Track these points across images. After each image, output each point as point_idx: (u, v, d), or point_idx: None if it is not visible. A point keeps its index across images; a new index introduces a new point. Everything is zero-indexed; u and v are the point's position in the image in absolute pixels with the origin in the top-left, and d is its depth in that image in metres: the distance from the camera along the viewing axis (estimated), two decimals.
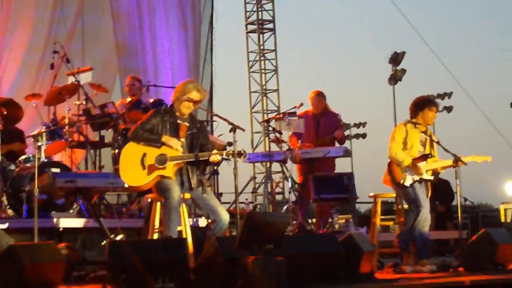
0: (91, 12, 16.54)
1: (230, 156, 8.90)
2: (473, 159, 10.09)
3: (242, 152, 8.85)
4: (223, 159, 9.03)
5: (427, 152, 10.12)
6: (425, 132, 10.24)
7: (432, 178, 10.15)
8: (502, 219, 20.48)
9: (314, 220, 13.11)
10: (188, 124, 8.88)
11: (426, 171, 10.04)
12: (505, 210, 21.37)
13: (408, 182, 10.00)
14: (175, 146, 8.61)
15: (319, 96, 13.25)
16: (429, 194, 10.19)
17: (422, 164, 10.02)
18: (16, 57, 15.14)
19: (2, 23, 14.99)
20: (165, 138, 8.63)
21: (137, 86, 12.87)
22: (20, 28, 15.28)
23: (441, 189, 15.71)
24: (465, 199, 17.68)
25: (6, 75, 14.93)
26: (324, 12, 75.74)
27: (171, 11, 17.91)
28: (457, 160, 10.06)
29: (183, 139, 8.77)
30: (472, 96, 20.16)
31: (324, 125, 13.11)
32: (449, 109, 20.37)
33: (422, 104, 10.25)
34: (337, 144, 13.13)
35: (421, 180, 10.05)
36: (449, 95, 20.26)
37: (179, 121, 8.84)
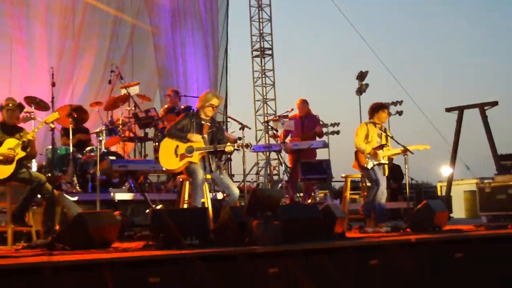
0: (138, 43, 16.57)
1: (240, 147, 8.91)
2: (416, 147, 10.16)
3: (249, 144, 8.88)
4: (235, 149, 9.01)
5: (383, 143, 10.16)
6: (380, 128, 10.29)
7: (387, 162, 10.17)
8: (439, 193, 20.44)
9: (301, 194, 13.08)
10: (209, 124, 8.91)
11: (383, 157, 10.08)
12: (441, 187, 21.34)
13: (370, 166, 10.04)
14: (197, 140, 8.61)
15: (304, 103, 13.30)
16: (386, 174, 10.20)
17: (379, 152, 10.05)
18: (83, 75, 15.14)
19: (74, 50, 14.98)
20: (189, 135, 8.64)
21: (173, 95, 12.84)
22: (87, 53, 15.29)
23: (394, 171, 15.63)
24: (412, 179, 17.70)
25: (77, 88, 14.93)
26: (309, 42, 75.79)
27: (197, 42, 17.95)
28: (405, 150, 10.09)
29: (205, 135, 8.78)
30: (417, 102, 20.15)
31: (307, 124, 13.11)
32: (400, 113, 20.38)
33: (377, 108, 10.33)
34: (317, 138, 13.12)
35: (379, 164, 10.08)
36: (400, 102, 20.26)
37: (202, 122, 8.86)
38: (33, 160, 9.83)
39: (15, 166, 8.05)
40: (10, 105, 8.38)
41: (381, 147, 10.10)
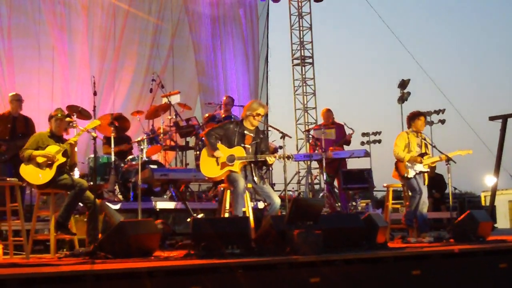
0: (179, 51, 16.66)
1: (282, 159, 8.89)
2: (458, 153, 10.15)
3: (290, 156, 8.85)
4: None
5: (423, 151, 10.13)
6: (420, 137, 10.28)
7: (427, 170, 10.15)
8: (483, 203, 20.28)
9: (338, 204, 13.07)
10: (253, 135, 8.85)
11: (423, 165, 10.04)
12: (485, 197, 21.16)
13: (410, 175, 10.01)
14: (218, 156, 8.61)
15: (329, 112, 13.59)
16: (426, 183, 10.16)
17: (419, 160, 10.02)
18: (125, 84, 15.29)
19: (115, 58, 15.14)
20: (216, 153, 8.60)
21: (230, 102, 12.93)
22: (128, 62, 15.43)
23: (437, 181, 15.59)
24: (455, 188, 17.54)
25: (118, 97, 15.07)
26: (350, 50, 75.56)
27: (238, 50, 18.01)
28: (448, 159, 10.07)
29: (248, 146, 8.78)
30: (460, 111, 19.99)
31: (337, 133, 13.16)
32: (442, 121, 20.19)
33: (413, 116, 10.32)
34: (345, 147, 13.21)
35: (419, 173, 10.04)
36: (442, 111, 20.07)
37: (246, 132, 8.81)
38: (76, 169, 9.95)
39: (55, 171, 8.16)
40: (59, 115, 8.52)
41: (421, 155, 10.07)
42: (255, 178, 8.71)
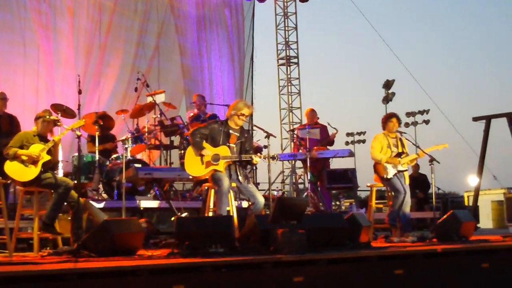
0: (164, 51, 16.67)
1: (267, 159, 8.90)
2: (434, 148, 10.27)
3: (275, 156, 8.87)
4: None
5: (400, 151, 10.17)
6: (395, 138, 10.37)
7: (406, 169, 10.23)
8: (466, 203, 20.35)
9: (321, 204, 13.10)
10: (238, 135, 8.85)
11: (401, 164, 10.09)
12: (468, 196, 21.24)
13: (390, 175, 10.05)
14: (206, 155, 8.61)
15: (313, 112, 13.60)
16: (407, 182, 10.19)
17: (397, 160, 10.05)
18: (110, 83, 15.27)
19: (100, 57, 15.11)
20: (203, 151, 8.61)
21: (200, 101, 12.92)
22: (113, 61, 15.41)
23: (420, 181, 15.68)
24: (438, 188, 17.67)
25: (102, 95, 15.04)
26: (335, 50, 75.71)
27: (223, 50, 18.07)
28: (431, 159, 10.15)
29: (233, 145, 8.78)
30: (444, 111, 20.10)
31: (321, 133, 13.18)
32: (427, 122, 20.36)
33: (385, 119, 10.43)
34: (328, 147, 13.23)
35: (399, 172, 10.08)
36: (427, 111, 20.24)
37: (231, 131, 8.82)
38: (59, 167, 9.91)
39: (40, 169, 8.13)
40: (47, 117, 8.48)
41: (398, 155, 10.12)
42: (240, 177, 8.72)
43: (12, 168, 8.10)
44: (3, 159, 8.26)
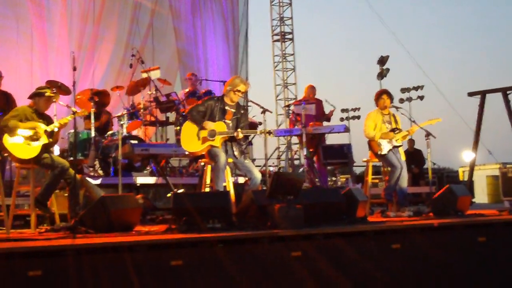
0: (159, 27, 16.65)
1: (263, 134, 8.88)
2: (428, 123, 10.25)
3: (271, 131, 8.85)
4: (255, 135, 8.97)
5: (393, 127, 10.17)
6: (388, 114, 10.35)
7: (401, 144, 10.21)
8: (461, 178, 20.40)
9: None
10: (234, 111, 8.84)
11: (395, 139, 10.09)
12: (463, 172, 21.31)
13: (384, 151, 10.05)
14: (209, 129, 8.60)
15: (312, 88, 13.55)
16: (403, 158, 10.20)
17: (391, 135, 10.06)
18: (104, 59, 15.23)
19: (94, 34, 15.05)
20: (204, 123, 8.61)
21: (194, 79, 12.91)
22: (107, 38, 15.37)
23: (416, 156, 15.74)
24: (434, 164, 17.69)
25: (97, 72, 15.00)
26: (330, 26, 75.57)
27: (218, 26, 18.03)
28: (427, 134, 10.17)
29: (229, 121, 8.76)
30: (439, 87, 20.12)
31: (316, 109, 13.17)
32: (421, 97, 20.38)
33: (376, 97, 10.40)
34: (325, 123, 13.23)
35: (394, 147, 10.08)
36: (421, 87, 20.25)
37: (226, 107, 8.80)
38: (55, 144, 9.89)
39: (39, 150, 8.09)
40: (48, 93, 8.40)
41: (392, 131, 10.12)
42: (236, 153, 8.72)
43: (11, 143, 8.04)
44: (1, 136, 8.20)
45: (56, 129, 8.31)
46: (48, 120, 8.44)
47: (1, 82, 10.41)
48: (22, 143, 8.05)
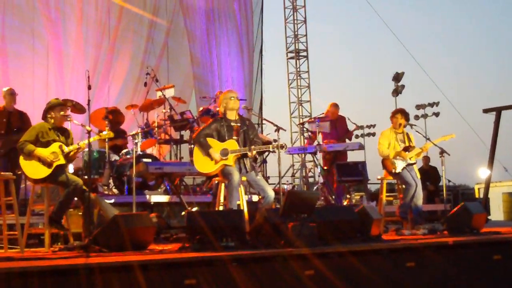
0: (174, 46, 16.73)
1: (276, 149, 8.86)
2: (441, 139, 10.33)
3: (283, 145, 8.82)
4: (268, 151, 8.96)
5: (407, 145, 10.19)
6: (401, 133, 10.43)
7: (415, 162, 10.29)
8: (476, 195, 20.30)
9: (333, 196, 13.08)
10: (239, 124, 8.85)
11: (409, 157, 10.09)
12: (479, 189, 21.19)
13: (398, 169, 10.09)
14: (214, 157, 8.57)
15: (335, 106, 13.56)
16: (418, 176, 10.20)
17: (404, 154, 10.09)
18: (119, 78, 15.28)
19: (109, 53, 15.11)
20: (210, 151, 8.59)
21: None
22: (122, 57, 15.42)
23: (431, 173, 15.68)
24: (449, 181, 17.62)
25: (112, 91, 15.07)
26: (344, 43, 75.58)
27: (232, 44, 18.06)
28: (442, 151, 10.17)
29: (235, 137, 8.74)
30: (454, 104, 20.07)
31: (340, 127, 13.19)
32: (437, 114, 20.28)
33: (392, 115, 10.50)
34: (347, 140, 13.26)
35: (408, 165, 10.08)
36: (436, 103, 20.16)
37: (232, 124, 8.80)
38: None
39: (52, 170, 8.13)
40: (59, 102, 8.49)
41: (406, 149, 10.16)
42: (247, 167, 8.69)
43: (26, 164, 8.10)
44: (15, 156, 8.27)
45: (74, 149, 8.35)
46: (66, 134, 8.49)
47: (16, 100, 10.48)
48: (35, 164, 8.10)
